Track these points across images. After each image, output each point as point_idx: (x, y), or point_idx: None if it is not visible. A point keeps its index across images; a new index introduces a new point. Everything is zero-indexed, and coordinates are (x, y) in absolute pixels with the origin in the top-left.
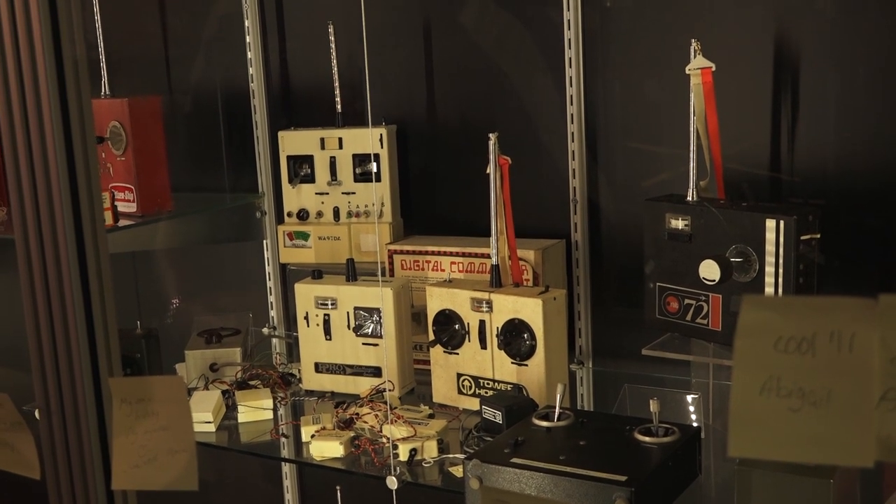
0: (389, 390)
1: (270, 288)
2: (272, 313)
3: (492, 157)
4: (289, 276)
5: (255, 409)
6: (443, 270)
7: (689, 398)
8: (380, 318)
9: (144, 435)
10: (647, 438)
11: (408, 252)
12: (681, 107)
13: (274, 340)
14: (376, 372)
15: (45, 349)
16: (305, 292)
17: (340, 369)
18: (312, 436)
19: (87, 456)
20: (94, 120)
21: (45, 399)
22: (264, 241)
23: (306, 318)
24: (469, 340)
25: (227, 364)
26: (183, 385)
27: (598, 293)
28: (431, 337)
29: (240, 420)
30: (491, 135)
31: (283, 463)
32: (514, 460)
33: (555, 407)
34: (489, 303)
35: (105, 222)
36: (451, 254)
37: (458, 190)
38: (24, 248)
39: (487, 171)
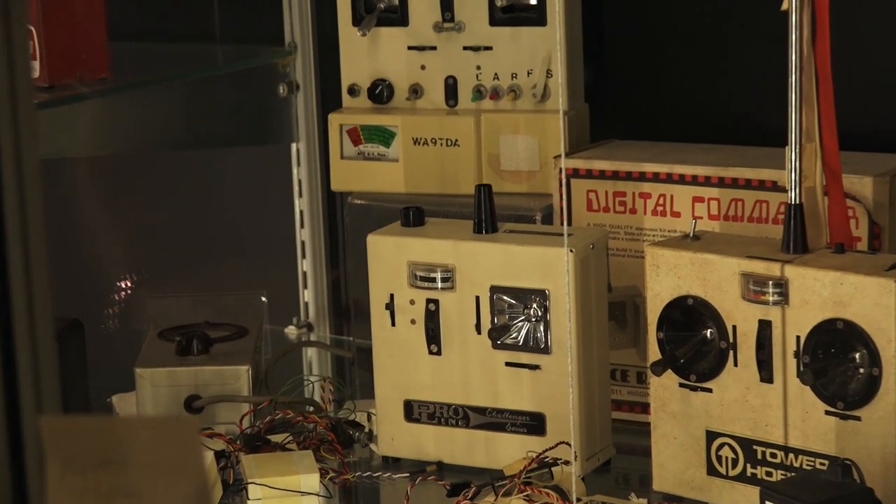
0: (566, 463)
1: (304, 243)
2: (306, 295)
3: None
4: (348, 217)
5: (284, 495)
6: (677, 215)
7: None
8: (545, 310)
9: None
10: None
11: (602, 175)
12: None
13: (310, 351)
14: (534, 424)
15: None
16: (389, 253)
17: (460, 416)
18: None
19: None
20: None
21: None
22: (295, 147)
23: (390, 307)
24: (735, 363)
25: (222, 398)
26: (197, 434)
27: None
28: (654, 353)
29: None
30: None
31: None
32: None
33: None
34: (782, 285)
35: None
36: (693, 180)
37: (706, 50)
38: None
39: (783, 7)
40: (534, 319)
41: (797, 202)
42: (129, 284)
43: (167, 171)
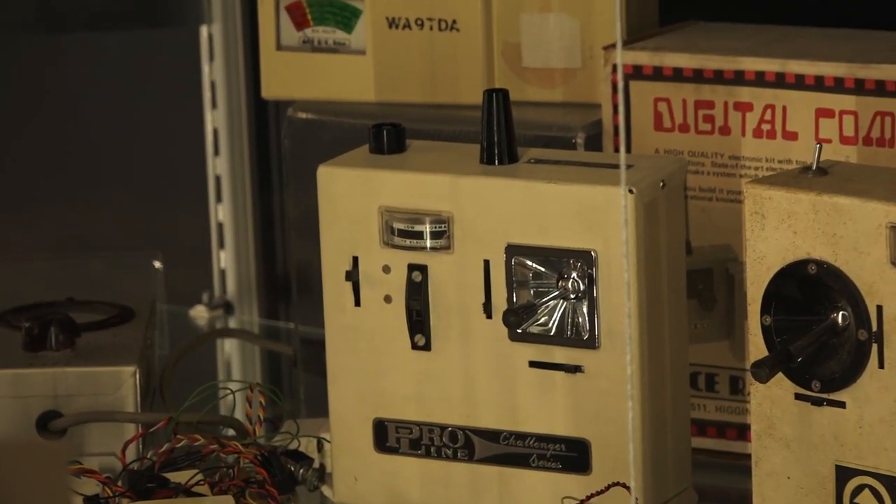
0: None
1: (220, 179)
2: (222, 259)
3: None
4: (288, 139)
5: None
6: (792, 136)
7: None
8: (591, 282)
9: None
10: None
11: (678, 75)
12: None
13: (228, 345)
14: (573, 456)
15: None
16: (351, 194)
17: (459, 443)
18: None
19: None
20: None
21: None
22: (206, 31)
23: (353, 277)
24: (880, 364)
25: (95, 416)
26: (58, 469)
27: None
28: (757, 348)
29: None
30: None
31: None
32: None
33: None
34: None
35: None
36: (817, 83)
37: None
38: None
39: None
40: (573, 297)
41: None
42: None
43: (9, 69)
